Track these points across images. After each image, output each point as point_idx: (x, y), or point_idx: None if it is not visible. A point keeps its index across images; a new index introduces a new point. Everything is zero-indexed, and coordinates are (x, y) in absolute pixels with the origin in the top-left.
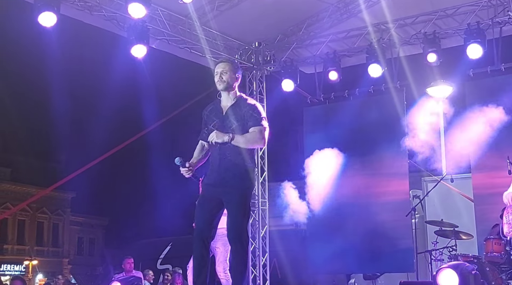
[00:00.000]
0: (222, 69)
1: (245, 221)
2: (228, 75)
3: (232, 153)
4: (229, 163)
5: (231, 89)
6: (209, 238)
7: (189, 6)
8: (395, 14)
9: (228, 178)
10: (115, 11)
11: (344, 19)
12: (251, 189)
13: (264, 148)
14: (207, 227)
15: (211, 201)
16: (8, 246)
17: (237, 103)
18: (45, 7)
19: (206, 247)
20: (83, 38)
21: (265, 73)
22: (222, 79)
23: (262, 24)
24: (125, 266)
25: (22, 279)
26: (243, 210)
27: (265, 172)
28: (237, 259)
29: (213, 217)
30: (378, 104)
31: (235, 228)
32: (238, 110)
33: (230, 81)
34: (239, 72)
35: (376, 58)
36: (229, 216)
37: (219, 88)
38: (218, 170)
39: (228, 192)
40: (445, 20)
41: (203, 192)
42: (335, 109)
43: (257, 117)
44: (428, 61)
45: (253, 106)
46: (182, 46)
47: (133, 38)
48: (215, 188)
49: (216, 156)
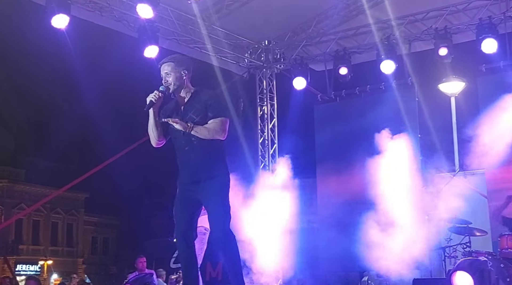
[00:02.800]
0: (165, 71)
1: (227, 218)
2: (173, 76)
3: (198, 148)
4: (197, 159)
5: (182, 87)
6: (192, 238)
7: (198, 5)
8: (405, 10)
9: (201, 174)
10: (125, 12)
11: (354, 16)
12: (227, 182)
13: (275, 146)
14: (188, 228)
15: (188, 201)
16: (23, 246)
17: (193, 97)
18: (57, 10)
19: (190, 247)
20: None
21: (275, 72)
22: (168, 82)
23: (271, 22)
24: (138, 265)
25: (37, 279)
26: (223, 205)
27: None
28: (229, 258)
29: (192, 216)
30: (389, 101)
31: (220, 225)
32: (196, 104)
33: (177, 81)
34: (185, 67)
35: (387, 54)
36: (210, 214)
37: (170, 92)
38: (188, 169)
39: (204, 189)
40: (457, 15)
41: (179, 193)
42: (346, 106)
43: (217, 108)
44: (440, 55)
45: (212, 97)
46: (192, 45)
47: (143, 38)
48: (190, 187)
49: (183, 153)
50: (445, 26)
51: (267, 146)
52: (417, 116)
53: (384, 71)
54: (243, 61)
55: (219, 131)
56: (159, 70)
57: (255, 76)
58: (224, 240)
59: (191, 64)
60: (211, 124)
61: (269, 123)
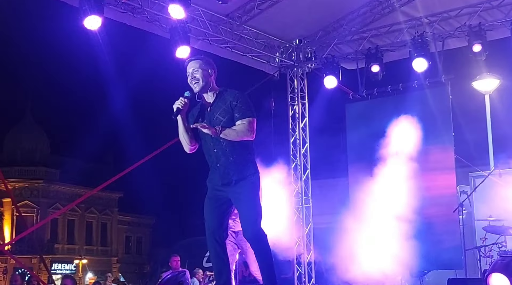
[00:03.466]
0: (192, 68)
1: (259, 218)
2: (200, 73)
3: (227, 151)
4: (227, 162)
5: (209, 86)
6: (222, 238)
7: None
8: (438, 7)
9: (231, 175)
10: (157, 13)
11: (386, 14)
12: (257, 182)
13: (307, 145)
14: (218, 228)
15: (218, 201)
16: (58, 245)
17: (219, 98)
18: (90, 11)
19: (222, 246)
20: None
21: (306, 71)
22: (195, 78)
23: (302, 21)
24: (172, 264)
25: (72, 278)
26: (254, 206)
27: (307, 169)
28: (261, 258)
29: (223, 216)
30: (423, 99)
31: (250, 226)
32: (222, 105)
33: (205, 79)
34: (212, 66)
35: (420, 52)
36: (241, 215)
37: (196, 90)
38: (219, 171)
39: (234, 190)
40: (491, 11)
41: (209, 194)
42: (378, 105)
43: (243, 108)
44: (474, 52)
45: (237, 97)
46: (223, 45)
47: (176, 39)
48: (221, 188)
49: (213, 155)
50: (479, 23)
51: (299, 145)
52: (451, 115)
53: (416, 69)
54: (274, 60)
55: (247, 132)
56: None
57: (286, 75)
58: (256, 239)
59: (216, 66)
60: (239, 126)
61: (300, 123)
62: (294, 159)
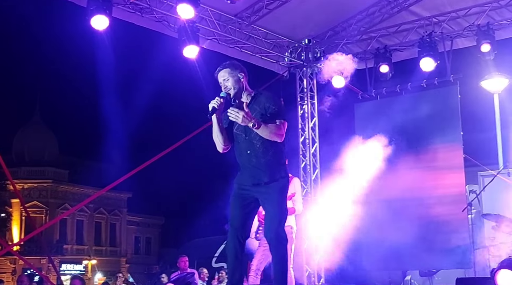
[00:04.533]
0: (223, 78)
1: (283, 219)
2: (231, 81)
3: (260, 152)
4: (259, 163)
5: (242, 90)
6: (245, 237)
7: (238, 5)
8: (447, 7)
9: (262, 177)
10: (165, 13)
11: (395, 13)
12: (286, 185)
13: (316, 144)
14: (242, 226)
15: (245, 200)
16: (67, 246)
17: (254, 100)
18: (97, 11)
19: (242, 246)
20: (136, 41)
21: (315, 71)
22: (227, 88)
23: (311, 21)
24: (180, 265)
25: (81, 278)
26: (281, 207)
27: (317, 169)
28: (277, 259)
29: (248, 215)
30: (431, 99)
31: (275, 227)
32: (257, 107)
33: (236, 85)
34: (241, 69)
35: (429, 51)
36: (267, 215)
37: (231, 97)
38: (249, 170)
39: (263, 191)
40: (499, 11)
41: (236, 191)
42: (387, 104)
43: (277, 111)
44: (482, 52)
45: (271, 100)
46: (232, 45)
47: (184, 39)
48: (249, 188)
49: (245, 156)
50: (487, 23)
51: (308, 144)
52: (460, 114)
53: (424, 69)
54: (283, 60)
55: (279, 133)
56: (216, 80)
57: (296, 75)
58: (276, 241)
59: (244, 67)
60: (274, 125)
61: (309, 122)
62: (304, 159)
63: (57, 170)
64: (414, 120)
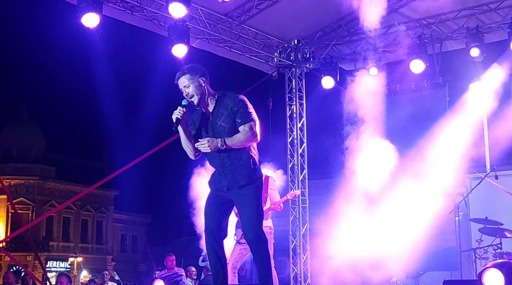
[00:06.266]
0: (183, 84)
1: (260, 220)
2: (192, 87)
3: (232, 155)
4: (232, 165)
5: (205, 95)
6: (220, 238)
7: (228, 5)
8: (436, 9)
9: (236, 180)
10: (156, 11)
11: (385, 15)
12: (260, 186)
13: (304, 145)
14: (217, 227)
15: (219, 201)
16: (53, 243)
17: (219, 104)
18: (88, 8)
19: (220, 246)
20: (126, 39)
21: (304, 71)
22: (189, 95)
23: (301, 21)
24: (167, 263)
25: (68, 276)
26: (257, 209)
27: (305, 169)
28: (260, 261)
29: (223, 216)
30: (420, 100)
31: (253, 229)
32: (223, 111)
33: (198, 91)
34: (201, 73)
35: (418, 53)
36: (243, 217)
37: (194, 104)
38: (223, 174)
39: (238, 193)
40: (488, 14)
41: (212, 194)
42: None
43: (244, 112)
44: (471, 56)
45: (237, 101)
46: (221, 45)
47: (173, 37)
48: (224, 191)
49: (217, 161)
50: (476, 25)
51: (296, 145)
52: (448, 115)
53: (414, 71)
54: (272, 60)
55: (252, 137)
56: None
57: (285, 75)
58: (256, 242)
59: (206, 70)
60: (242, 132)
61: (298, 123)
62: (291, 159)
63: (44, 166)
64: (402, 122)
